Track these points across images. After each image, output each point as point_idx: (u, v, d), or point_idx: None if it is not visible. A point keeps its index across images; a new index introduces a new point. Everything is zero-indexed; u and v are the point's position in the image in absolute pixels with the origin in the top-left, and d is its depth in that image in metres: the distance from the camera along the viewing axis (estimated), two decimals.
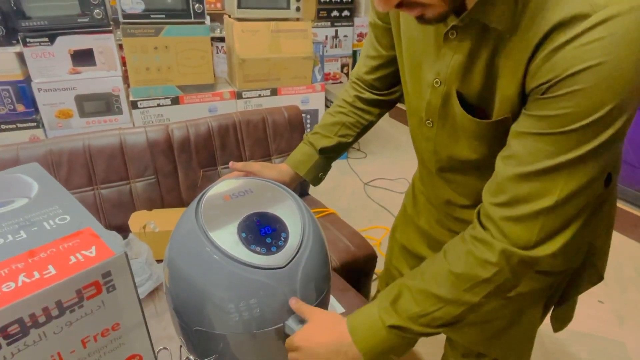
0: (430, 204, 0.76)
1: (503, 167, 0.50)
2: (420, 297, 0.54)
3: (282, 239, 0.64)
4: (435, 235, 0.75)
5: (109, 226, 1.18)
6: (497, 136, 0.53)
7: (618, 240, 2.12)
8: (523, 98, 0.48)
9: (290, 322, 0.62)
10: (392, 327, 0.55)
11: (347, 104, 0.81)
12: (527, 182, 0.47)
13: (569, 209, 0.47)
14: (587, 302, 1.70)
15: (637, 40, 0.39)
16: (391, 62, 0.72)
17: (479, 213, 0.54)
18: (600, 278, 0.72)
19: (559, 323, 0.77)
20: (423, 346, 1.42)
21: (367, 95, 0.80)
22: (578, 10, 0.39)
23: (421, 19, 0.46)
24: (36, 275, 0.41)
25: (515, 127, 0.49)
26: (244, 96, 2.18)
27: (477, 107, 0.54)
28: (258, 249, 0.62)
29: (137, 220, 1.10)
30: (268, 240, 0.63)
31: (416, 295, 0.54)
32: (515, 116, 0.50)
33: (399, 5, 0.44)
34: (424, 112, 0.61)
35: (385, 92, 0.79)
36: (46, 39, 1.78)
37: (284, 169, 0.81)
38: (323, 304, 0.69)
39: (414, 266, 0.80)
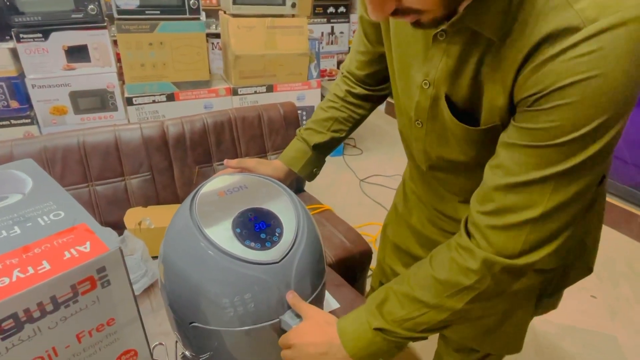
0: (421, 202, 0.76)
1: (491, 176, 0.50)
2: (405, 301, 0.55)
3: (277, 235, 0.65)
4: (427, 233, 0.75)
5: (104, 223, 1.18)
6: (487, 141, 0.53)
7: (610, 236, 2.14)
8: (512, 108, 0.48)
9: (286, 317, 0.62)
10: (377, 329, 0.55)
11: (338, 99, 0.81)
12: (513, 192, 0.48)
13: (556, 220, 0.47)
14: (579, 297, 1.72)
15: (626, 55, 0.38)
16: (381, 58, 0.72)
17: (466, 221, 0.54)
18: (590, 270, 0.73)
19: (542, 309, 0.78)
20: (419, 342, 1.43)
21: (359, 90, 0.80)
22: (568, 23, 0.39)
23: (416, 24, 0.46)
24: (30, 270, 0.41)
25: (503, 137, 0.49)
26: (239, 93, 2.18)
27: (465, 111, 0.54)
28: (252, 244, 0.62)
29: (133, 216, 1.10)
30: (262, 235, 0.64)
31: (401, 299, 0.55)
32: (504, 124, 0.50)
33: (394, 13, 0.44)
34: (413, 112, 0.61)
35: (377, 87, 0.80)
36: (40, 35, 1.76)
37: (278, 165, 0.81)
38: (318, 300, 0.69)
39: (407, 263, 0.81)
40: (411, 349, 1.44)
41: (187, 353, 0.73)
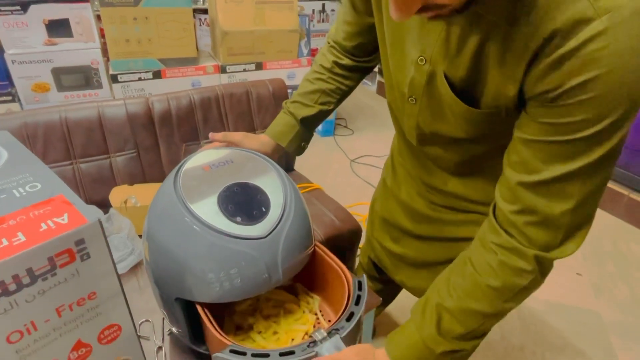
0: (410, 176, 0.75)
1: (514, 174, 0.49)
2: (462, 317, 0.54)
3: (264, 209, 0.63)
4: (416, 206, 0.75)
5: (89, 201, 1.16)
6: (488, 121, 0.52)
7: (596, 215, 2.16)
8: (521, 97, 0.48)
9: (324, 350, 0.57)
10: (443, 353, 0.55)
11: (325, 70, 0.79)
12: (544, 189, 0.47)
13: (590, 205, 0.48)
14: (565, 274, 1.75)
15: None
16: (370, 29, 0.69)
17: (497, 219, 0.53)
18: None
19: None
20: (403, 315, 1.45)
21: (346, 61, 0.78)
22: (581, 15, 0.38)
23: (434, 17, 0.44)
24: (5, 242, 0.39)
25: (522, 134, 0.48)
26: (228, 70, 2.14)
27: (463, 90, 0.52)
28: (239, 219, 0.61)
29: (118, 194, 1.08)
30: (249, 210, 0.62)
31: (458, 316, 0.54)
32: (508, 110, 0.49)
33: (418, 11, 0.42)
34: (406, 88, 0.59)
35: (365, 58, 0.77)
36: (18, 8, 1.69)
37: (265, 140, 0.79)
38: (352, 336, 0.59)
39: (396, 238, 0.80)
40: (399, 323, 1.46)
41: (174, 330, 0.72)
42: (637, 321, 1.55)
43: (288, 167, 1.49)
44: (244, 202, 0.63)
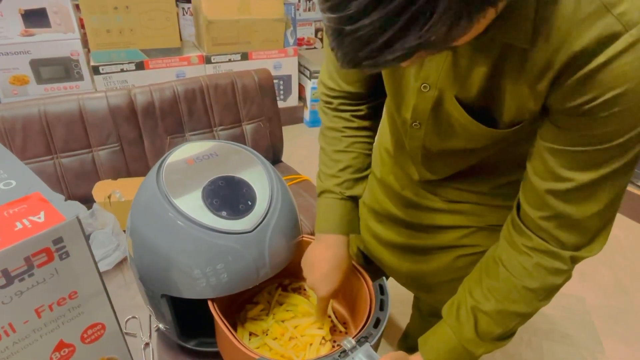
0: (400, 167, 0.75)
1: (542, 182, 0.49)
2: (499, 318, 0.55)
3: (249, 203, 0.63)
4: (406, 194, 0.74)
5: (72, 197, 1.14)
6: (511, 135, 0.52)
7: None
8: (544, 109, 0.47)
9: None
10: (481, 355, 0.57)
11: (352, 129, 0.69)
12: (574, 196, 0.47)
13: (615, 204, 0.49)
14: None
15: None
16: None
17: (524, 222, 0.53)
18: None
19: None
20: (394, 307, 1.46)
21: (364, 109, 0.69)
22: (610, 30, 0.38)
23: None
24: None
25: (548, 144, 0.47)
26: (213, 61, 2.10)
27: (479, 109, 0.51)
28: (224, 213, 0.60)
29: (102, 189, 1.06)
30: (234, 204, 0.62)
31: (496, 318, 0.55)
32: (532, 120, 0.49)
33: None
34: (409, 115, 0.58)
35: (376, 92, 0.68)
36: None
37: (339, 252, 0.66)
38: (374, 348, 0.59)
39: (389, 226, 0.80)
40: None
41: (161, 326, 0.71)
42: (619, 305, 1.59)
43: (276, 159, 1.48)
44: (229, 196, 0.62)
